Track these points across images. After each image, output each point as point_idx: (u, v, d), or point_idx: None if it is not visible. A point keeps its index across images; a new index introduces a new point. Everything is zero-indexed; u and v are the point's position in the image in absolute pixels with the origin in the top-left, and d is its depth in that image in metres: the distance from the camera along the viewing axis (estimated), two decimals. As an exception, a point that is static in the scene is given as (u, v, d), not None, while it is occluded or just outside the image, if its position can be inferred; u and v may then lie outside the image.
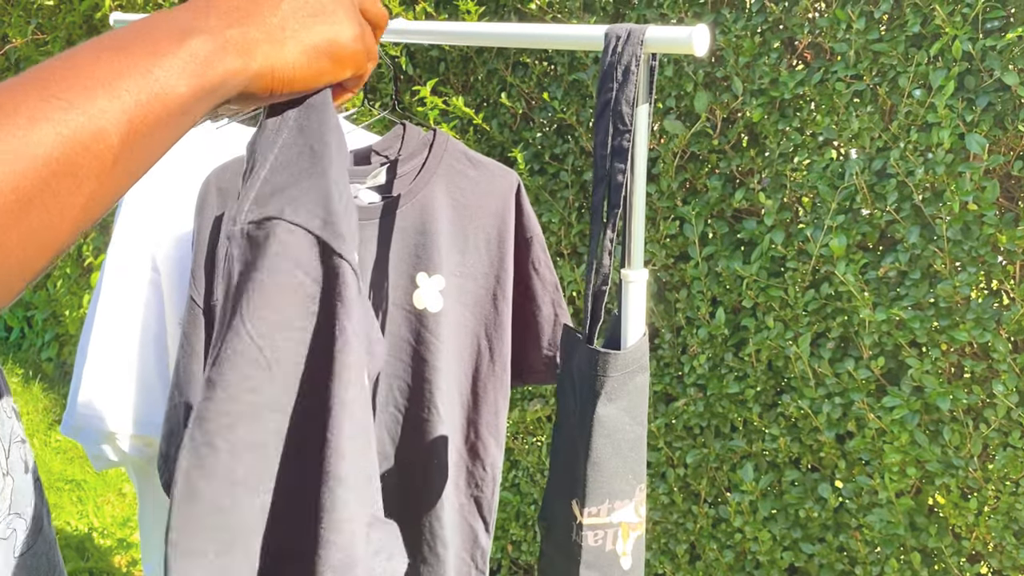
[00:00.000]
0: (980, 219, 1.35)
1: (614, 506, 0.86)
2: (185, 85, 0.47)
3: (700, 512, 1.78)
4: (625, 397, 0.85)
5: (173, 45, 0.47)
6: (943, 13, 1.31)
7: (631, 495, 0.87)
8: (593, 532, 0.85)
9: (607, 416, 0.84)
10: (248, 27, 0.52)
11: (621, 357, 0.84)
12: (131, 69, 0.45)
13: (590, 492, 0.84)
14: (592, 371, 0.84)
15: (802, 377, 1.56)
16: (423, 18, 1.88)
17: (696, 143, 1.63)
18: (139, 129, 0.45)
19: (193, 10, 0.51)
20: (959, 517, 1.46)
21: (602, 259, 0.83)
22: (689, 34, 0.77)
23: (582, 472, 0.85)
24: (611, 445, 0.84)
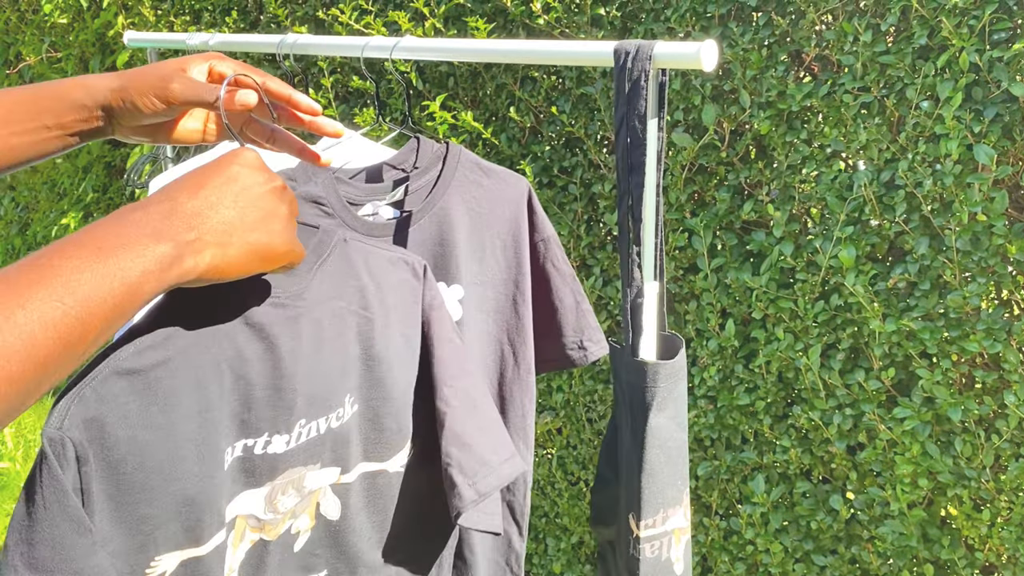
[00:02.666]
0: (989, 229, 1.35)
1: (668, 514, 0.87)
2: (150, 286, 0.61)
3: (711, 524, 1.77)
4: (672, 406, 0.86)
5: (143, 250, 0.61)
6: (950, 25, 1.31)
7: (680, 500, 0.88)
8: (650, 544, 0.86)
9: (659, 426, 0.85)
10: (203, 232, 0.65)
11: (668, 367, 0.85)
12: (110, 275, 0.58)
13: (646, 504, 0.85)
14: (642, 383, 0.85)
15: (812, 388, 1.56)
16: (432, 34, 1.89)
17: (704, 155, 1.63)
18: (111, 316, 0.58)
19: (162, 212, 0.64)
20: (972, 528, 1.45)
21: (632, 272, 0.84)
22: (697, 50, 0.78)
23: (637, 485, 0.85)
24: (663, 454, 0.86)
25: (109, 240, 0.60)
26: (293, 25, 2.31)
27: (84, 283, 0.56)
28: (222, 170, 0.69)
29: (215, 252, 0.66)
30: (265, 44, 1.29)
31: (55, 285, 0.55)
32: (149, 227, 0.62)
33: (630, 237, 0.84)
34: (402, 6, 1.99)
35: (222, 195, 0.68)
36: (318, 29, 2.27)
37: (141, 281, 0.60)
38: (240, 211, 0.68)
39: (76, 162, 3.64)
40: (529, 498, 1.27)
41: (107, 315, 0.57)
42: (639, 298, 0.84)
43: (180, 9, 2.75)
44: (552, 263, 1.22)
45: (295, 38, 1.26)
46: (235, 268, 0.68)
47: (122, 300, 0.59)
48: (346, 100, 2.27)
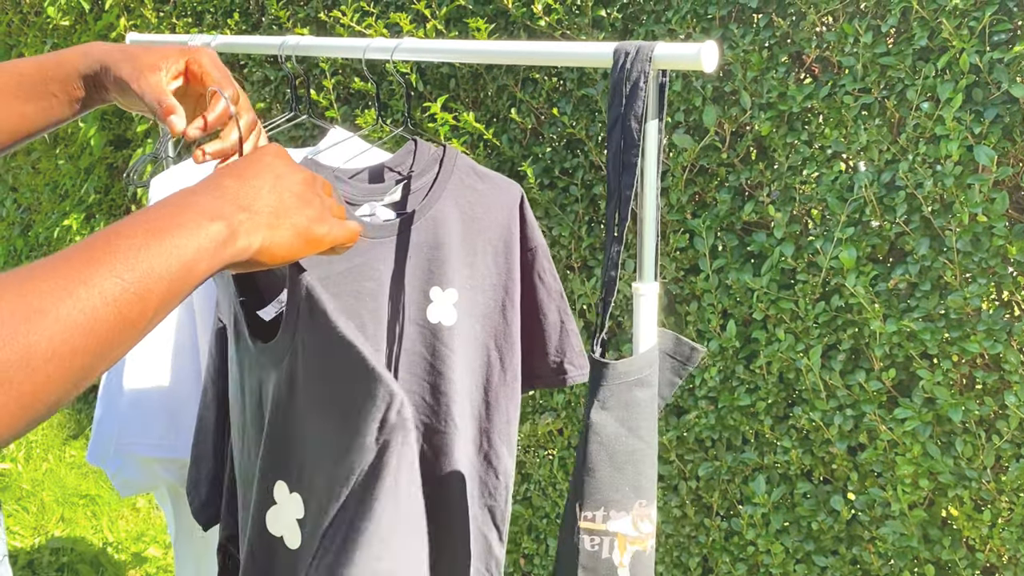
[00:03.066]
0: (990, 230, 1.35)
1: (609, 515, 0.87)
2: (205, 264, 0.62)
3: (712, 525, 1.78)
4: (621, 408, 0.86)
5: (198, 229, 0.62)
6: (950, 26, 1.32)
7: (627, 508, 0.88)
8: (590, 536, 0.87)
9: (600, 423, 0.86)
10: (253, 213, 0.68)
11: (614, 367, 0.86)
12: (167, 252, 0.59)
13: (586, 497, 0.87)
14: (591, 378, 0.86)
15: (813, 389, 1.56)
16: (433, 35, 1.90)
17: (705, 157, 1.64)
18: (168, 294, 0.59)
19: (212, 195, 0.66)
20: (973, 529, 1.45)
21: (609, 271, 0.85)
22: (698, 51, 0.79)
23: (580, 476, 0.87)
24: (604, 453, 0.86)
25: (163, 221, 0.61)
26: (295, 27, 2.32)
27: (142, 261, 0.57)
28: (259, 160, 0.72)
29: (266, 235, 0.68)
30: (267, 46, 1.30)
31: (115, 263, 0.56)
32: (202, 208, 0.64)
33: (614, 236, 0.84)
34: (404, 8, 2.00)
35: (263, 182, 0.70)
36: (320, 31, 2.27)
37: (196, 259, 0.61)
38: (279, 197, 0.71)
39: (78, 163, 3.64)
40: (510, 504, 1.28)
41: (164, 292, 0.59)
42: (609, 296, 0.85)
43: (182, 11, 2.76)
44: (539, 275, 1.22)
45: (297, 40, 1.27)
46: (284, 250, 0.71)
47: (178, 278, 0.60)
48: (348, 102, 2.27)
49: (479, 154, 1.93)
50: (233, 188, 0.68)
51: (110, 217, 3.57)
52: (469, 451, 1.23)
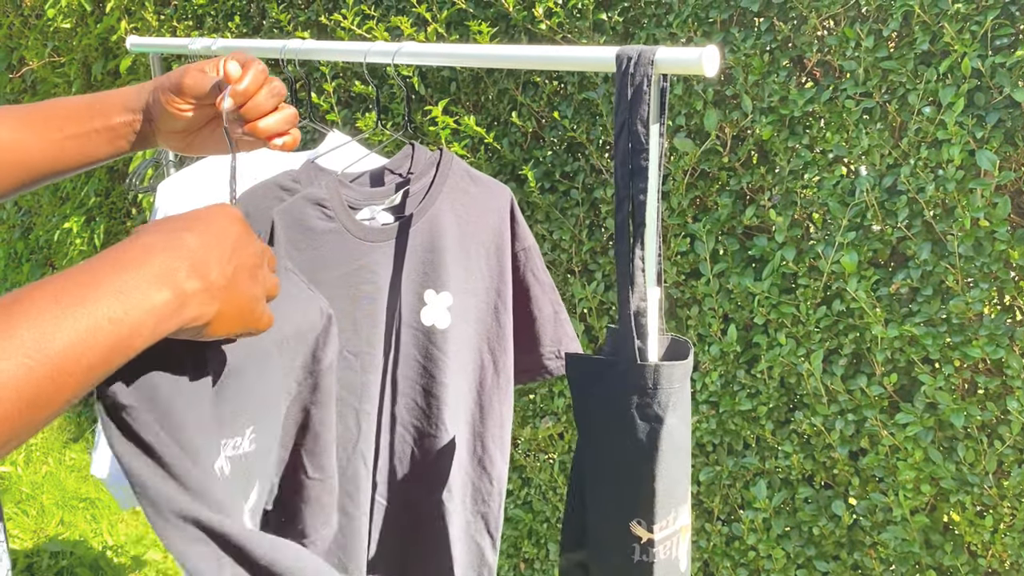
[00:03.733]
0: (992, 235, 1.35)
1: (678, 512, 0.86)
2: (148, 332, 0.56)
3: (713, 530, 1.77)
4: (681, 406, 0.86)
5: (143, 298, 0.55)
6: (952, 31, 1.31)
7: (686, 497, 0.88)
8: (664, 545, 0.86)
9: (672, 428, 0.85)
10: (208, 284, 0.61)
11: (680, 368, 0.85)
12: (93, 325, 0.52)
13: (658, 507, 0.85)
14: (654, 386, 0.84)
15: (815, 394, 1.56)
16: (434, 39, 1.90)
17: (706, 161, 1.63)
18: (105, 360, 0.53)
19: (169, 252, 0.59)
20: (975, 535, 1.45)
21: (635, 277, 0.84)
22: (699, 55, 0.78)
23: (649, 489, 0.84)
24: (675, 454, 0.85)
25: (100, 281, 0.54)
26: (296, 30, 2.32)
27: (58, 336, 0.50)
28: (220, 221, 0.65)
29: (218, 308, 0.62)
30: (268, 49, 1.29)
31: (23, 336, 0.48)
32: (153, 269, 0.57)
33: (631, 242, 0.84)
34: (404, 11, 2.00)
35: (222, 249, 0.63)
36: (320, 34, 2.27)
37: (132, 334, 0.54)
38: (234, 269, 0.64)
39: (79, 166, 3.64)
40: (503, 509, 1.28)
41: (84, 372, 0.52)
42: (643, 302, 0.84)
43: (183, 14, 2.76)
44: (532, 272, 1.22)
45: (298, 44, 1.27)
46: (224, 328, 0.64)
47: (106, 355, 0.53)
48: (348, 105, 2.27)
49: (480, 158, 1.92)
50: (192, 248, 0.60)
51: (110, 220, 3.57)
52: (462, 456, 1.22)
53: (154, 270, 0.57)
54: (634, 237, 0.83)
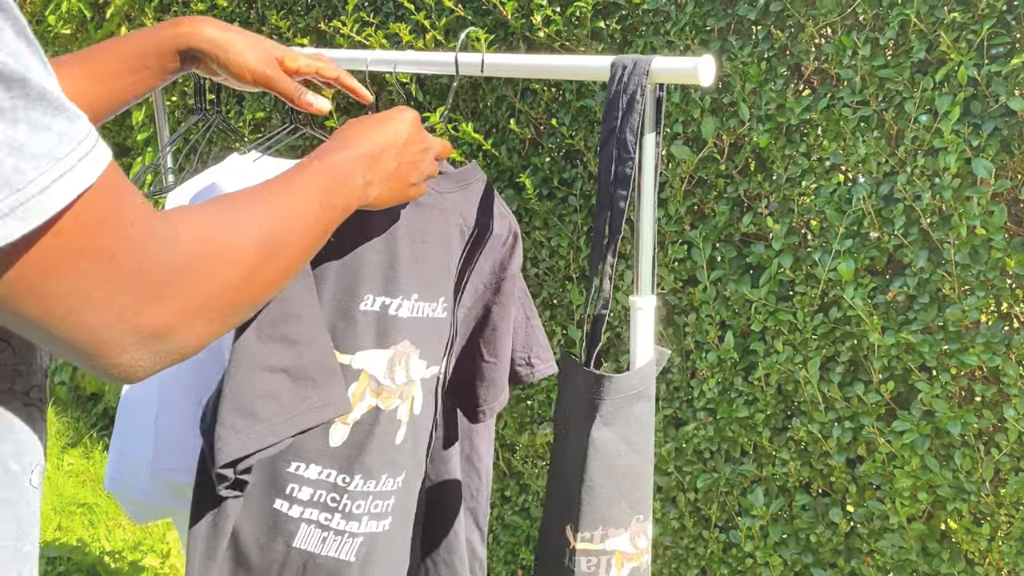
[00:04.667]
0: (988, 243, 1.35)
1: (607, 533, 0.85)
2: (353, 205, 0.85)
3: (711, 537, 1.77)
4: (622, 423, 0.84)
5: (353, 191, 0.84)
6: (948, 39, 1.32)
7: (626, 524, 0.86)
8: (587, 558, 0.85)
9: (602, 439, 0.84)
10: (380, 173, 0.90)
11: (618, 381, 0.84)
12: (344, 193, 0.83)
13: (584, 516, 0.84)
14: (589, 394, 0.84)
15: (812, 401, 1.56)
16: (432, 46, 1.90)
17: (703, 168, 1.64)
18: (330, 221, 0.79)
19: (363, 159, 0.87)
20: (972, 543, 1.45)
21: (602, 283, 0.84)
22: (695, 65, 0.79)
23: (576, 495, 0.85)
24: (606, 469, 0.84)
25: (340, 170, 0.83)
26: (295, 37, 2.32)
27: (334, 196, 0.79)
28: (395, 123, 0.92)
29: (382, 190, 0.90)
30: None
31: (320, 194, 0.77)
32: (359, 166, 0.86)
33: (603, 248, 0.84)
34: (403, 18, 2.00)
35: (393, 147, 0.91)
36: (320, 41, 2.28)
37: (348, 205, 0.83)
38: (399, 163, 0.92)
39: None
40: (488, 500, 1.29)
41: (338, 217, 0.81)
42: (604, 309, 0.84)
43: (183, 20, 2.76)
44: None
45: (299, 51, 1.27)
46: (384, 202, 0.92)
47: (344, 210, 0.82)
48: (347, 111, 2.27)
49: (479, 164, 1.93)
50: (373, 148, 0.88)
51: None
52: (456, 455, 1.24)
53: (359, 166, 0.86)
54: (608, 244, 0.84)
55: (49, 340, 0.52)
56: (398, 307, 1.01)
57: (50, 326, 0.50)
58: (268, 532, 0.99)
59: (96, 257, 0.50)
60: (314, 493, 1.00)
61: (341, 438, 1.00)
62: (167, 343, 0.56)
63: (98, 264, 0.51)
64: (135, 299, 0.53)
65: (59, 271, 0.49)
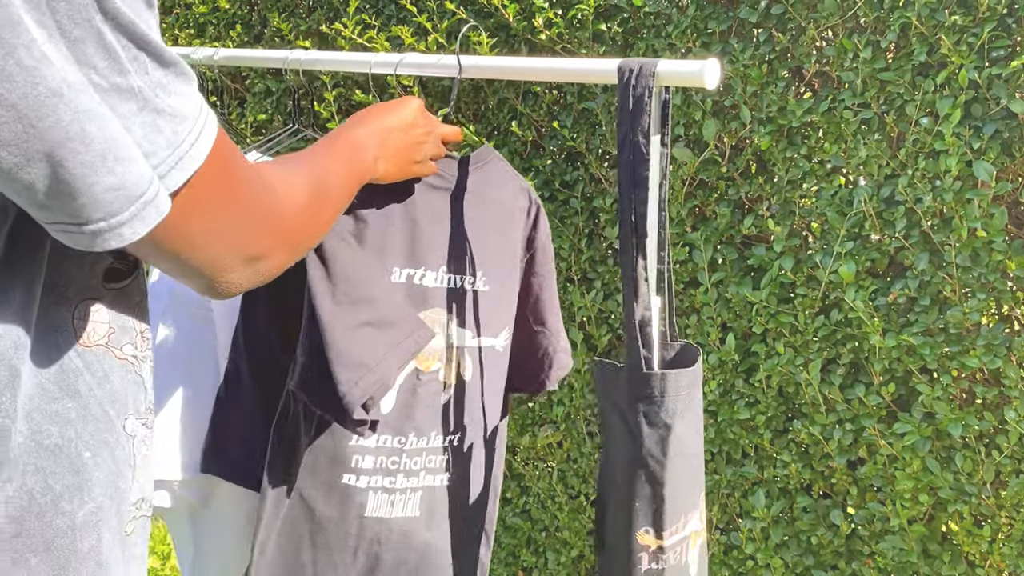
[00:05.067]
0: (989, 245, 1.35)
1: (687, 519, 0.88)
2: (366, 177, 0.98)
3: (712, 539, 1.77)
4: (690, 412, 0.87)
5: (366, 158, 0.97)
6: (949, 42, 1.32)
7: (697, 504, 0.89)
8: (674, 552, 0.87)
9: (682, 434, 0.86)
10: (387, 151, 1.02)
11: (689, 375, 0.86)
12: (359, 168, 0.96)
13: (667, 513, 0.86)
14: (661, 395, 0.85)
15: (813, 403, 1.56)
16: (435, 48, 1.91)
17: (705, 170, 1.64)
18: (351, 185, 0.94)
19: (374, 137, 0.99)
20: (972, 544, 1.45)
21: (638, 287, 0.85)
22: (700, 68, 0.79)
23: (659, 495, 0.86)
24: (683, 462, 0.87)
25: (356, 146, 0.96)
26: (297, 39, 2.33)
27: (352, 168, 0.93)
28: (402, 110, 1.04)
29: (388, 166, 1.02)
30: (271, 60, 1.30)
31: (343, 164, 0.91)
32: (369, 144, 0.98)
33: (635, 252, 0.85)
34: (405, 21, 2.01)
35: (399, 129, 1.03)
36: (322, 43, 2.28)
37: (362, 176, 0.96)
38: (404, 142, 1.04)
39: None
40: (497, 505, 1.29)
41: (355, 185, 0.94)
42: (648, 311, 0.85)
43: (184, 22, 2.77)
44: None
45: (301, 54, 1.28)
46: (391, 177, 1.04)
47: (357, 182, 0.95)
48: (348, 113, 2.28)
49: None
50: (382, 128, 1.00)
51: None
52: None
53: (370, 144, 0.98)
54: (637, 247, 0.84)
55: (177, 267, 0.63)
56: (422, 276, 1.12)
57: (185, 256, 0.61)
58: (341, 508, 1.09)
59: (224, 200, 0.62)
60: (376, 460, 1.10)
61: (390, 404, 1.10)
62: (261, 265, 0.68)
63: (225, 205, 0.62)
64: (248, 232, 0.65)
65: (199, 212, 0.60)
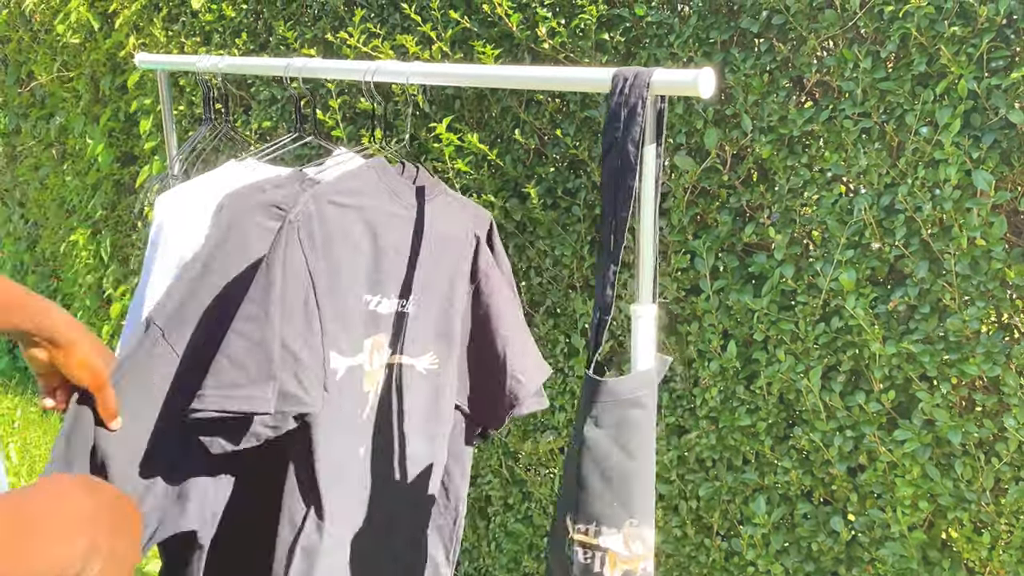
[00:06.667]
0: (988, 254, 1.36)
1: (600, 530, 0.89)
2: None
3: (713, 545, 1.78)
4: (614, 426, 0.88)
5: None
6: (948, 53, 1.33)
7: (618, 525, 0.89)
8: (583, 549, 0.89)
9: (593, 439, 0.88)
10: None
11: (611, 384, 0.87)
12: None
13: (580, 510, 0.89)
14: (586, 395, 0.88)
15: (813, 410, 1.57)
16: (439, 57, 1.92)
17: (706, 178, 1.65)
18: None
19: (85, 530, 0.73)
20: (972, 551, 1.46)
21: (604, 291, 0.87)
22: (695, 77, 0.80)
23: (574, 489, 0.89)
24: (597, 469, 0.88)
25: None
26: (302, 48, 2.35)
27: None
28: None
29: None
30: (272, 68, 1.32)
31: None
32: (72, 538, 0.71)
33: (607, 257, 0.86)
34: (410, 30, 2.02)
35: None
36: (327, 52, 2.30)
37: None
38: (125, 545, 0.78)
39: (85, 179, 3.67)
40: (462, 527, 1.32)
41: None
42: (606, 315, 0.87)
43: (191, 30, 2.79)
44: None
45: (302, 62, 1.29)
46: None
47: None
48: (353, 121, 2.29)
49: (483, 174, 1.95)
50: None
51: (116, 233, 3.59)
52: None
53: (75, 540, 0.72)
54: (612, 253, 0.86)
55: None
56: (378, 303, 1.15)
57: None
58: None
59: None
60: None
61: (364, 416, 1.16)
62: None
63: None
64: None
65: None
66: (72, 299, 3.98)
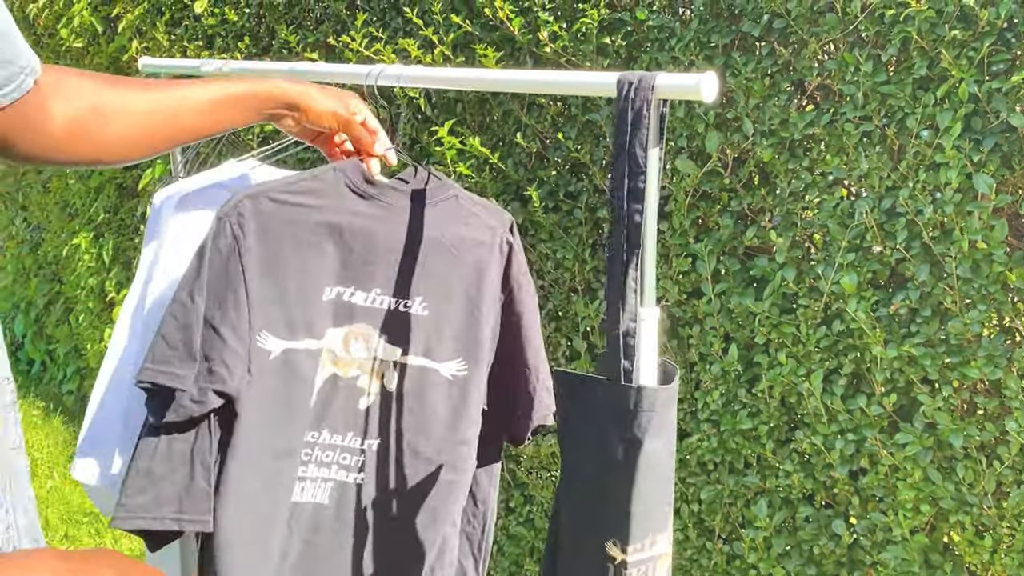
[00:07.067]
0: (989, 257, 1.36)
1: (656, 539, 0.86)
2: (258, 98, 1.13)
3: (714, 548, 1.78)
4: (664, 431, 0.86)
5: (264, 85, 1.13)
6: (949, 56, 1.34)
7: (666, 525, 0.88)
8: (638, 569, 0.85)
9: (654, 452, 0.84)
10: None
11: (667, 392, 0.85)
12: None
13: (635, 529, 0.84)
14: (636, 408, 0.84)
15: (815, 413, 1.57)
16: (440, 61, 1.93)
17: (708, 182, 1.66)
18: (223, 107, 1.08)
19: None
20: (974, 555, 1.46)
21: (627, 298, 0.85)
22: (698, 81, 0.81)
23: (625, 510, 0.84)
24: (654, 480, 0.85)
25: None
26: (304, 51, 2.35)
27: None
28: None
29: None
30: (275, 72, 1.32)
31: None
32: None
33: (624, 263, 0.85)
34: (412, 34, 2.03)
35: None
36: (329, 55, 2.31)
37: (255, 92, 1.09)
38: None
39: (88, 183, 3.68)
40: (492, 533, 1.30)
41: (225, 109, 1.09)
42: (632, 322, 0.85)
43: (193, 34, 2.80)
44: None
45: (305, 66, 1.30)
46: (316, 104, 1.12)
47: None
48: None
49: (484, 178, 1.95)
50: None
51: (119, 236, 3.60)
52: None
53: None
54: (628, 258, 0.85)
55: None
56: (351, 295, 1.18)
57: None
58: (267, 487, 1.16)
59: None
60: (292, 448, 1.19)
61: (313, 399, 1.18)
62: None
63: None
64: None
65: None
66: (74, 302, 3.98)
